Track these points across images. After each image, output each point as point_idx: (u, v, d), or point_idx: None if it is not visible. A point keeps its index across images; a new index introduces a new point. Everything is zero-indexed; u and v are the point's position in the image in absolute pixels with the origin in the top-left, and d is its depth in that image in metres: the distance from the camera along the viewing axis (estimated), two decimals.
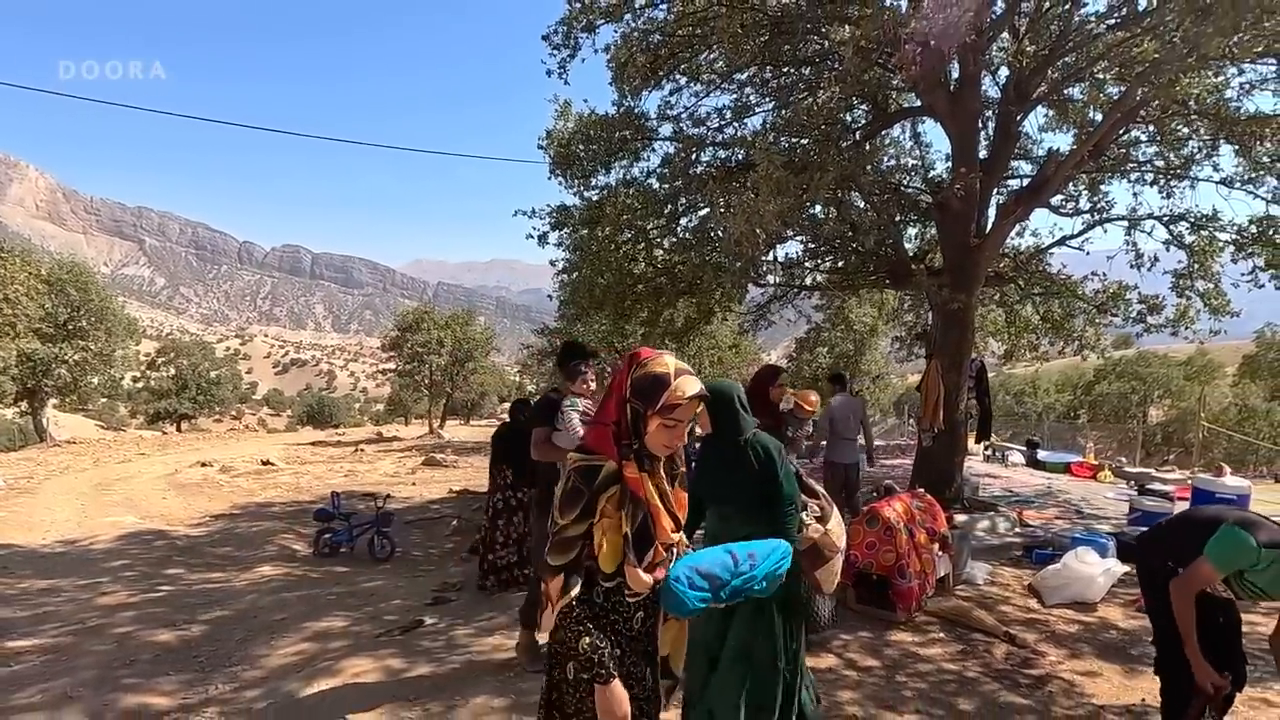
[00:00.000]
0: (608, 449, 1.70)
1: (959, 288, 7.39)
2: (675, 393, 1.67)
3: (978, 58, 7.05)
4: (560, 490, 1.70)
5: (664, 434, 1.70)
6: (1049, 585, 4.67)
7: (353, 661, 3.82)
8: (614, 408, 1.74)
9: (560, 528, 1.67)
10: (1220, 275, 8.54)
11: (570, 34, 7.82)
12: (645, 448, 1.72)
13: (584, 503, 1.66)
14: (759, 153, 6.04)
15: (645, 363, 1.73)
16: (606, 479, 1.67)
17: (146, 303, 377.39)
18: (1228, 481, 5.98)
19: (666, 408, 1.67)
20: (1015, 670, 3.62)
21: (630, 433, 1.71)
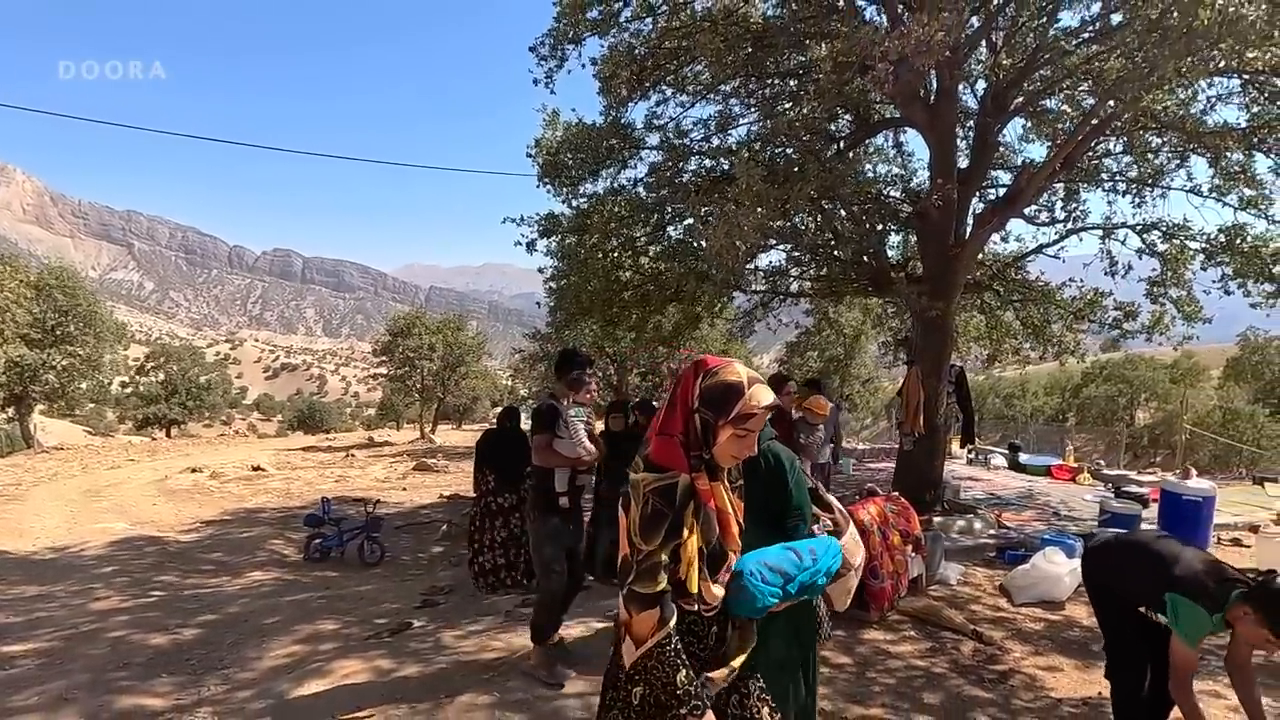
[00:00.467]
0: (677, 462, 1.62)
1: (938, 295, 7.57)
2: (749, 402, 1.62)
3: (954, 72, 7.24)
4: (638, 514, 1.59)
5: (735, 444, 1.64)
6: (1018, 585, 4.84)
7: (343, 663, 3.93)
8: (680, 419, 1.66)
9: (645, 554, 1.57)
10: (1192, 282, 8.77)
11: (558, 46, 7.98)
12: (714, 458, 1.66)
13: (669, 523, 1.57)
14: (739, 166, 6.20)
15: (715, 371, 1.67)
16: (685, 494, 1.60)
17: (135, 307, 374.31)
18: (1192, 484, 6.17)
19: (740, 417, 1.61)
20: (981, 666, 3.78)
21: (700, 443, 1.64)
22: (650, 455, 1.66)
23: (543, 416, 3.65)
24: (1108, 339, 9.57)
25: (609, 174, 9.14)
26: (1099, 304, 9.40)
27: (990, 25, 7.48)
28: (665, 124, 8.89)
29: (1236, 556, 6.09)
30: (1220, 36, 3.86)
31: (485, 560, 5.59)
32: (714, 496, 1.66)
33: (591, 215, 8.77)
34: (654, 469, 1.62)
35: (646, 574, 1.57)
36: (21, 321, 22.66)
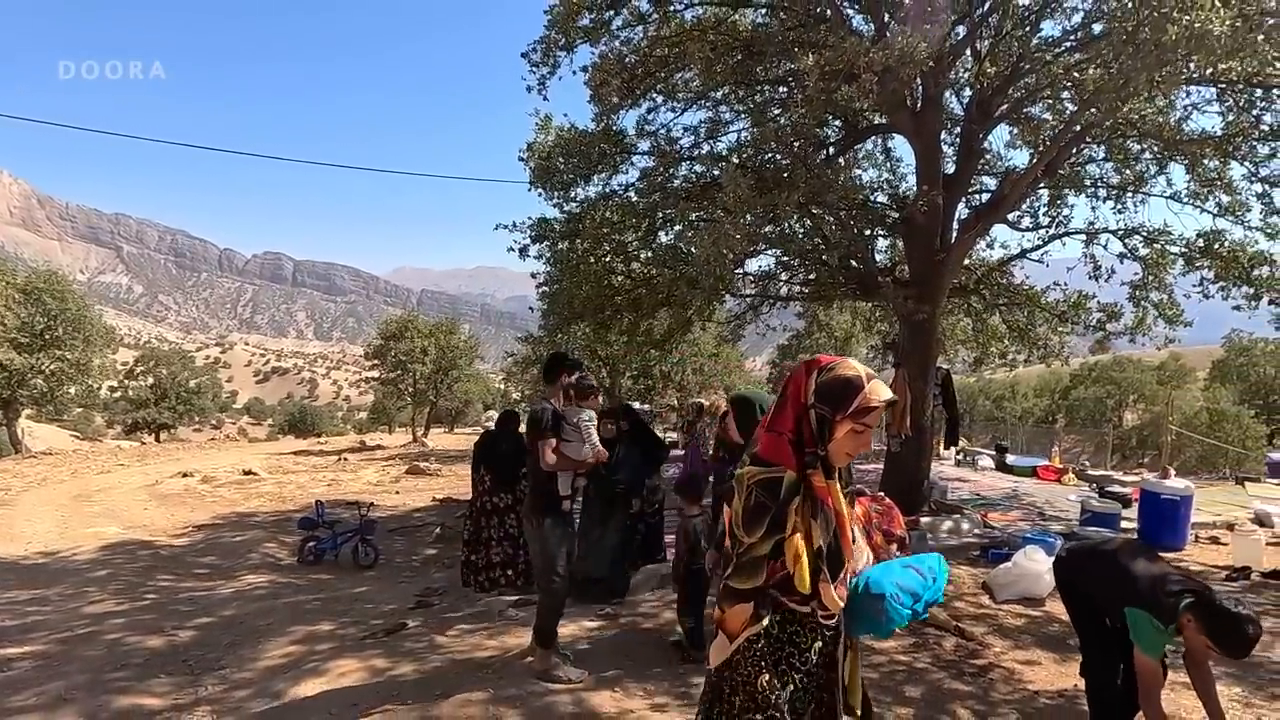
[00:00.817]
0: (784, 458, 1.61)
1: (924, 299, 7.70)
2: (868, 396, 1.60)
3: (939, 80, 7.39)
4: (740, 506, 1.59)
5: (852, 440, 1.63)
6: (1000, 582, 4.96)
7: (339, 662, 4.00)
8: (791, 416, 1.65)
9: (746, 548, 1.56)
10: (1173, 286, 8.96)
11: (549, 53, 8.07)
12: (829, 456, 1.64)
13: (770, 517, 1.56)
14: (726, 175, 6.31)
15: (831, 368, 1.66)
16: (790, 489, 1.58)
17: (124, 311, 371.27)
18: (1170, 484, 6.32)
19: (859, 411, 1.60)
20: (962, 661, 3.89)
21: (814, 440, 1.63)
22: (758, 451, 1.66)
23: (545, 421, 3.67)
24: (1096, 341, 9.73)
25: (601, 179, 9.24)
26: (1083, 307, 9.57)
27: (975, 34, 7.64)
28: (656, 130, 9.00)
29: (1215, 554, 6.24)
30: (1189, 51, 4.00)
31: (479, 558, 5.66)
32: (830, 495, 1.63)
33: (583, 220, 8.86)
34: (760, 464, 1.62)
35: (745, 568, 1.56)
36: (9, 325, 22.53)
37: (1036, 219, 8.97)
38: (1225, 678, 3.71)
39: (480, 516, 5.76)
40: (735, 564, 1.57)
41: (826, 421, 1.62)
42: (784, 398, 1.70)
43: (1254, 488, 10.55)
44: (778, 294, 9.95)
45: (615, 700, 3.36)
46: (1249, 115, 7.10)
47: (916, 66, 5.56)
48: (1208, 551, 6.35)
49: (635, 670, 3.72)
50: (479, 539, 5.72)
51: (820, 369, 1.68)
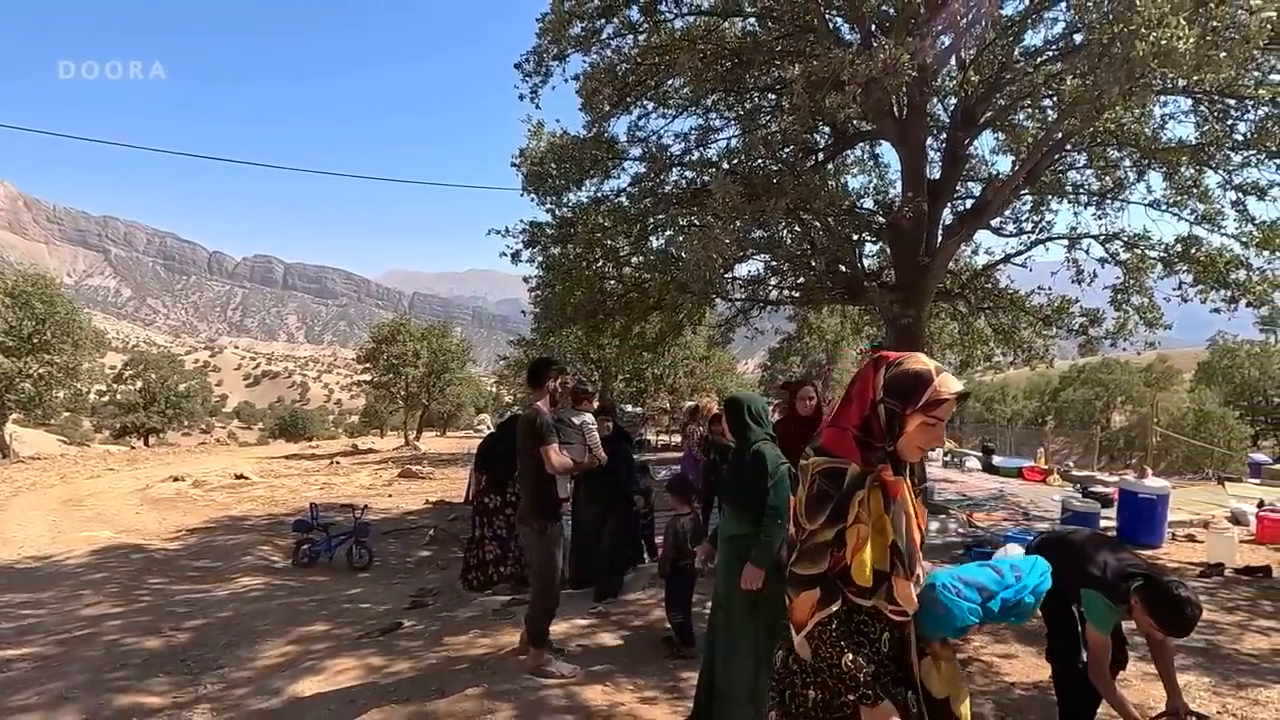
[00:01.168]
0: (848, 452, 1.61)
1: (909, 303, 7.87)
2: (938, 389, 1.57)
3: (923, 90, 7.56)
4: (804, 494, 1.61)
5: (923, 434, 1.60)
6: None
7: (336, 661, 4.08)
8: (856, 412, 1.64)
9: (808, 534, 1.57)
10: (1153, 290, 9.17)
11: (542, 62, 8.20)
12: (898, 452, 1.62)
13: (832, 505, 1.56)
14: (715, 181, 6.45)
15: (900, 362, 1.64)
16: (854, 480, 1.58)
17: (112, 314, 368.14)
18: (1149, 483, 6.49)
19: (930, 404, 1.57)
20: None
21: (883, 435, 1.61)
22: (822, 444, 1.67)
23: (545, 427, 3.75)
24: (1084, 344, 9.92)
25: (592, 184, 9.37)
26: (1066, 310, 9.77)
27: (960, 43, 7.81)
28: (647, 136, 9.14)
29: (1190, 551, 6.40)
30: (1158, 65, 4.16)
31: (472, 556, 5.74)
32: (901, 490, 1.61)
33: (575, 225, 8.98)
34: (824, 454, 1.63)
35: (808, 555, 1.58)
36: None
37: (1020, 225, 9.16)
38: (1196, 668, 3.86)
39: (475, 515, 5.85)
40: (799, 550, 1.59)
41: (896, 416, 1.60)
42: (850, 394, 1.69)
43: (1233, 487, 10.77)
44: (767, 298, 10.09)
45: (606, 694, 3.47)
46: (1223, 125, 7.30)
47: (900, 77, 5.72)
48: (1184, 549, 6.51)
49: (626, 666, 3.82)
50: (473, 536, 5.82)
51: (888, 364, 1.65)
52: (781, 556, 2.88)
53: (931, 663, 1.70)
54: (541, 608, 3.76)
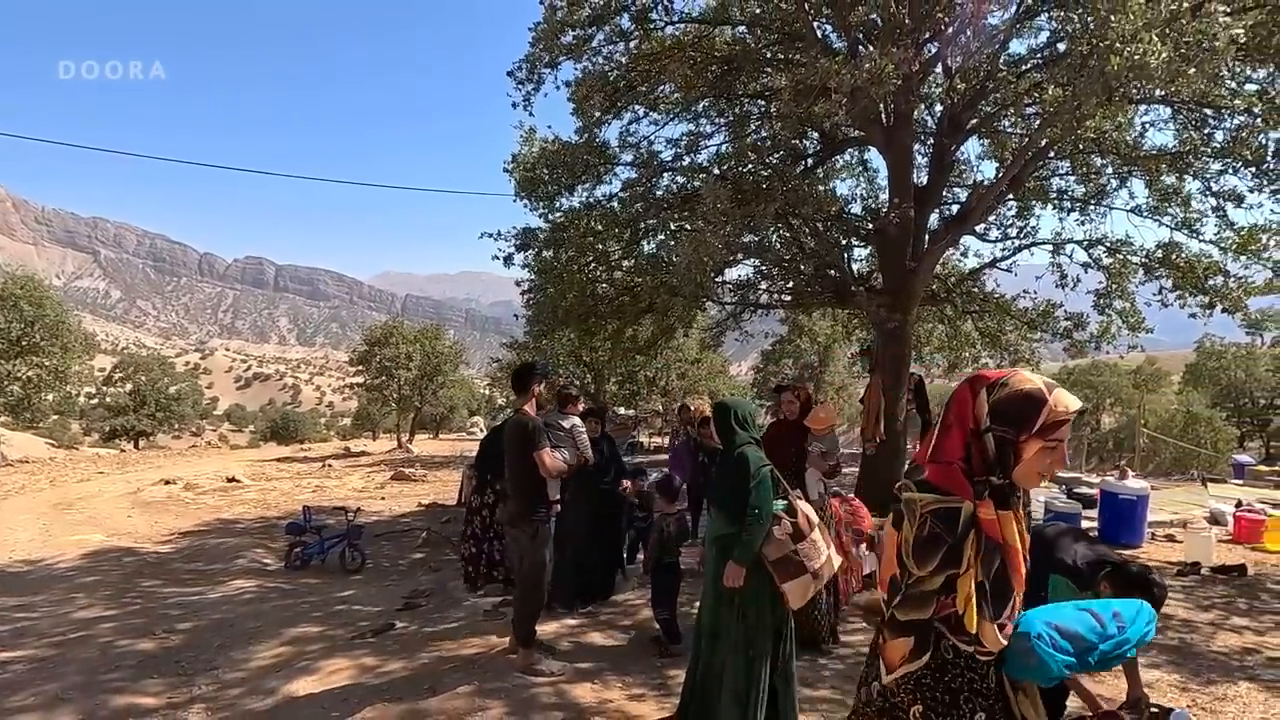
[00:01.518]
0: (960, 488, 1.48)
1: (897, 307, 7.99)
2: (1055, 408, 1.45)
3: (909, 98, 7.68)
4: (912, 535, 1.49)
5: (1043, 459, 1.48)
6: None
7: (329, 662, 4.14)
8: (959, 442, 1.52)
9: (916, 580, 1.47)
10: (1135, 295, 9.33)
11: (534, 69, 8.28)
12: (1015, 481, 1.50)
13: (946, 550, 1.45)
14: (705, 186, 6.55)
15: (1004, 383, 1.51)
16: (968, 523, 1.46)
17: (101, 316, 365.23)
18: (1129, 484, 6.63)
19: (1048, 427, 1.45)
20: None
21: (992, 466, 1.49)
22: (928, 478, 1.54)
23: (536, 432, 3.81)
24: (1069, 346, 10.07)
25: (584, 189, 9.45)
26: (1051, 314, 9.93)
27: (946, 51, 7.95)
28: (639, 142, 9.24)
29: (1170, 550, 6.55)
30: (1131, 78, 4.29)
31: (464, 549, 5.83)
32: (1002, 528, 1.48)
33: (567, 229, 9.06)
34: (933, 491, 1.50)
35: (913, 601, 1.47)
36: None
37: (1005, 230, 9.30)
38: (1166, 665, 3.97)
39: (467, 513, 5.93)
40: (903, 595, 1.48)
41: (1009, 444, 1.47)
42: (946, 422, 1.56)
43: (1216, 488, 10.95)
44: (757, 301, 10.21)
45: (594, 691, 3.55)
46: (1201, 133, 7.46)
47: (885, 86, 5.83)
48: (1163, 548, 6.66)
49: (614, 664, 3.91)
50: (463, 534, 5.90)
51: (989, 386, 1.51)
52: (764, 554, 2.98)
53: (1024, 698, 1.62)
54: (528, 608, 3.84)
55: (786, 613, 3.04)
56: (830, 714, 3.34)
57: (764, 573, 2.98)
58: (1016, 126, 8.81)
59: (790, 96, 6.11)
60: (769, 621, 2.98)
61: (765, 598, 2.97)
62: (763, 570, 2.97)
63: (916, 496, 1.52)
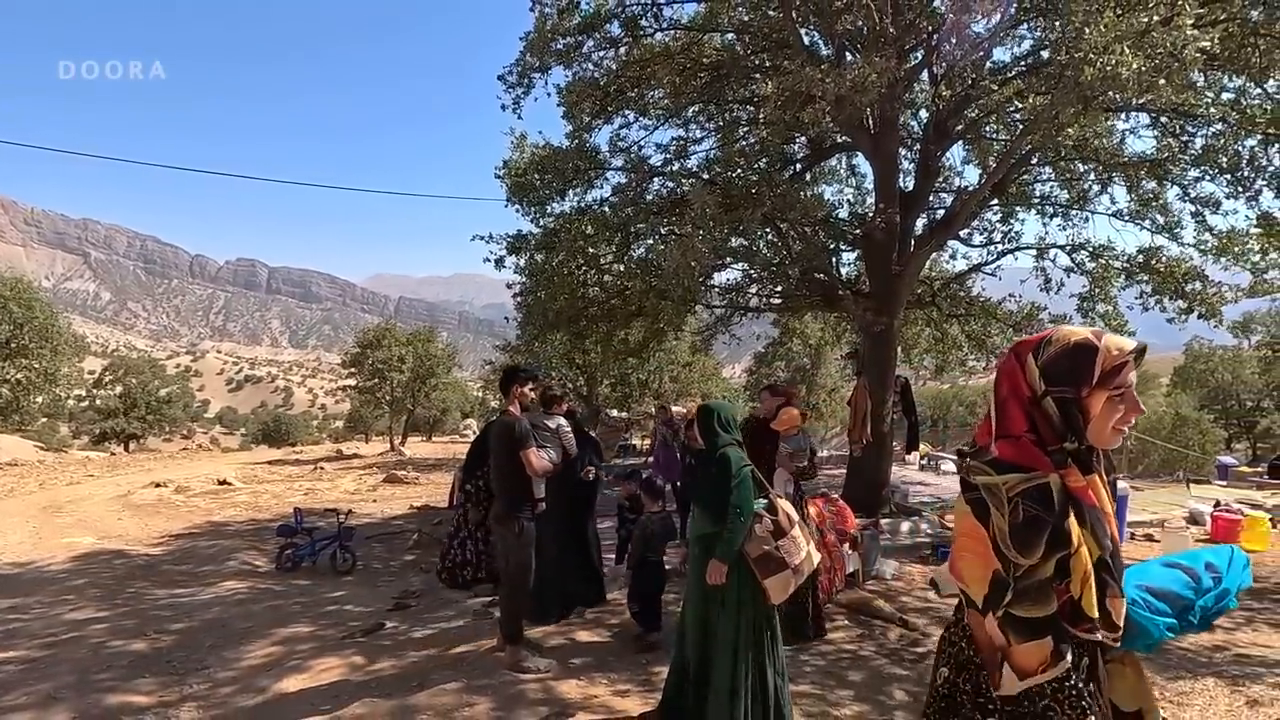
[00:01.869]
0: (1039, 461, 1.38)
1: (882, 311, 8.11)
2: (1110, 353, 1.35)
3: (894, 105, 7.81)
4: (1006, 523, 1.34)
5: (1112, 410, 1.36)
6: (945, 577, 5.30)
7: (320, 661, 4.20)
8: (1021, 415, 1.41)
9: (1025, 571, 1.33)
10: (1117, 298, 9.49)
11: (525, 74, 8.37)
12: (1090, 440, 1.39)
13: (1050, 531, 1.33)
14: (693, 192, 6.64)
15: (1048, 343, 1.40)
16: (1062, 496, 1.35)
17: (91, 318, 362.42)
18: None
19: (1109, 374, 1.35)
20: (903, 649, 4.22)
21: (1063, 432, 1.38)
22: (999, 457, 1.41)
23: (524, 432, 3.89)
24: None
25: (575, 194, 9.54)
26: (1035, 317, 10.07)
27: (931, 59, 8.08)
28: (629, 146, 9.34)
29: (1148, 549, 6.67)
30: (1105, 88, 4.42)
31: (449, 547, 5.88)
32: (1094, 493, 1.39)
33: (559, 234, 9.14)
34: (1014, 469, 1.37)
35: (1032, 594, 1.34)
36: None
37: (989, 235, 9.44)
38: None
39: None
40: (1014, 591, 1.33)
41: (1073, 403, 1.37)
42: (1000, 397, 1.45)
43: (1198, 489, 11.11)
44: (747, 305, 10.31)
45: (580, 688, 3.62)
46: (1178, 140, 7.62)
47: (869, 94, 5.95)
48: (1141, 548, 6.79)
49: (600, 661, 3.99)
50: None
51: (1035, 349, 1.42)
52: (746, 551, 3.06)
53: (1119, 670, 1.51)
54: (514, 606, 3.92)
55: (770, 608, 3.13)
56: (810, 708, 3.42)
57: (746, 569, 3.06)
58: (1000, 133, 8.95)
59: (776, 104, 6.22)
60: (753, 617, 3.07)
61: (749, 594, 3.06)
62: (745, 567, 3.06)
63: (998, 479, 1.36)
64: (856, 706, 3.47)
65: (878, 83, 5.70)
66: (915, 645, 4.27)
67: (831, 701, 3.51)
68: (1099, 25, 4.32)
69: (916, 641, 4.33)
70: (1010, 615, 1.36)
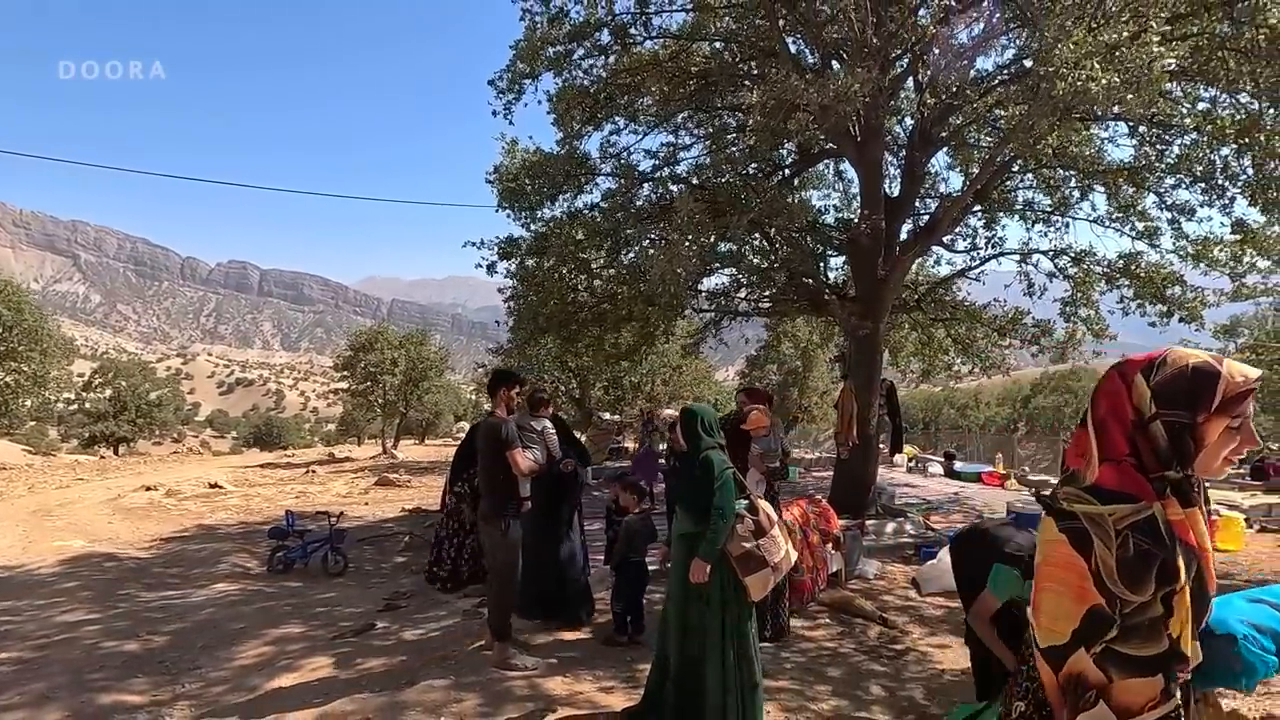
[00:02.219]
0: (1143, 490, 1.31)
1: (868, 315, 8.24)
2: (1234, 380, 1.28)
3: (878, 114, 7.95)
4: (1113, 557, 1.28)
5: (1229, 440, 1.31)
6: (925, 576, 5.43)
7: (311, 660, 4.27)
8: (1120, 438, 1.35)
9: (1135, 608, 1.27)
10: (1099, 303, 9.66)
11: (515, 80, 8.48)
12: (1197, 470, 1.34)
13: (1159, 565, 1.27)
14: (679, 199, 6.76)
15: (1161, 364, 1.34)
16: (1168, 529, 1.29)
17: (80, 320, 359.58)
18: None
19: (1230, 401, 1.28)
20: (883, 646, 4.33)
21: (1168, 459, 1.31)
22: (1102, 484, 1.34)
23: (510, 433, 3.99)
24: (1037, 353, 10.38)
25: (566, 199, 9.64)
26: (1019, 321, 10.25)
27: (916, 67, 8.24)
28: (618, 153, 9.45)
29: None
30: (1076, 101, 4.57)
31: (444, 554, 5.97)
32: (1192, 528, 1.33)
33: (549, 239, 9.24)
34: (1117, 498, 1.31)
35: (1139, 631, 1.28)
36: None
37: (973, 241, 9.61)
38: None
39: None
40: (1122, 627, 1.28)
41: (1185, 429, 1.30)
42: (1099, 417, 1.39)
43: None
44: (735, 309, 10.43)
45: (566, 684, 3.72)
46: (1155, 149, 7.79)
47: (852, 104, 6.08)
48: None
49: (586, 659, 4.08)
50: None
51: (1145, 369, 1.35)
52: (728, 550, 3.16)
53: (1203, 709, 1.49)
54: (501, 603, 4.01)
55: (750, 605, 3.24)
56: (789, 703, 3.53)
57: (728, 568, 3.17)
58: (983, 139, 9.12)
59: (762, 112, 6.35)
60: (736, 614, 3.18)
61: (731, 592, 3.16)
62: (727, 565, 3.17)
63: (1103, 509, 1.30)
64: (834, 701, 3.58)
65: (861, 93, 5.83)
66: (894, 642, 4.39)
67: (810, 696, 3.61)
68: (1069, 42, 4.47)
69: (895, 639, 4.45)
70: (1113, 651, 1.30)
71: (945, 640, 4.43)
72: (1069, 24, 4.62)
